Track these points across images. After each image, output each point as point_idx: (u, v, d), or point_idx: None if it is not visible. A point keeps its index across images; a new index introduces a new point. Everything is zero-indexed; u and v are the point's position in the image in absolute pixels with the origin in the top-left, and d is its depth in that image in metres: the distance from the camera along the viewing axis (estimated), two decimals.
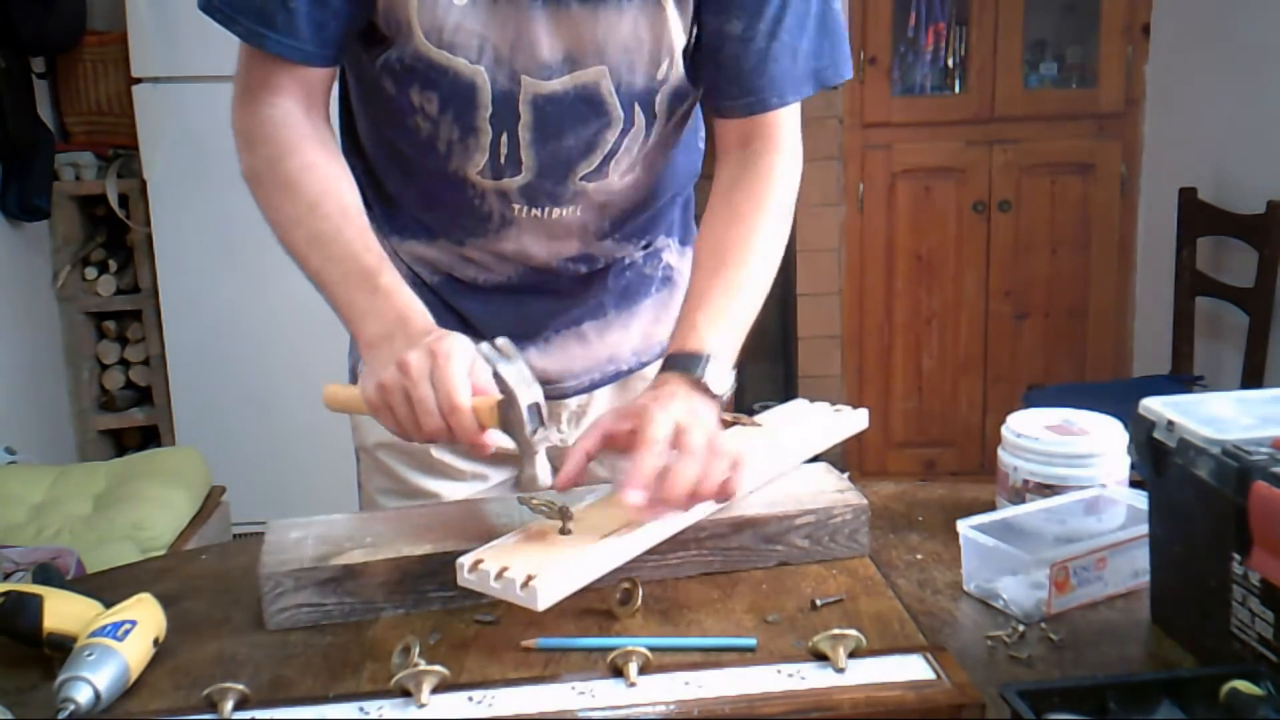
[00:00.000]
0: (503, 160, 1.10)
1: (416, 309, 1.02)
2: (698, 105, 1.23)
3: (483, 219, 1.15)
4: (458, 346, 0.95)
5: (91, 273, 3.27)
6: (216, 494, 2.82)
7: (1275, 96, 2.81)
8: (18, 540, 2.33)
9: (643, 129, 1.11)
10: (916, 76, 3.57)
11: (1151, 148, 3.47)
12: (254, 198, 1.09)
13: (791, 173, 1.15)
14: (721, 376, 1.02)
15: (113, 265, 3.29)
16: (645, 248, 1.27)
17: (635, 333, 1.28)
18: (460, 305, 1.22)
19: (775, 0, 1.06)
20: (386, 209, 1.21)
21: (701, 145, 1.30)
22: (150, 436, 3.39)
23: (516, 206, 1.14)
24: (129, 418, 3.35)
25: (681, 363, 1.02)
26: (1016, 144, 3.49)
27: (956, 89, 3.54)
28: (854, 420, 1.19)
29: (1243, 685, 0.72)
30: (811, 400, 1.25)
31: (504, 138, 1.08)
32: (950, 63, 3.55)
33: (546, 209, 1.14)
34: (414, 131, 1.10)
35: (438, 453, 1.25)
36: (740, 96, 1.11)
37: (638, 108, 1.09)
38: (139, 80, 3.05)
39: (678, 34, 1.06)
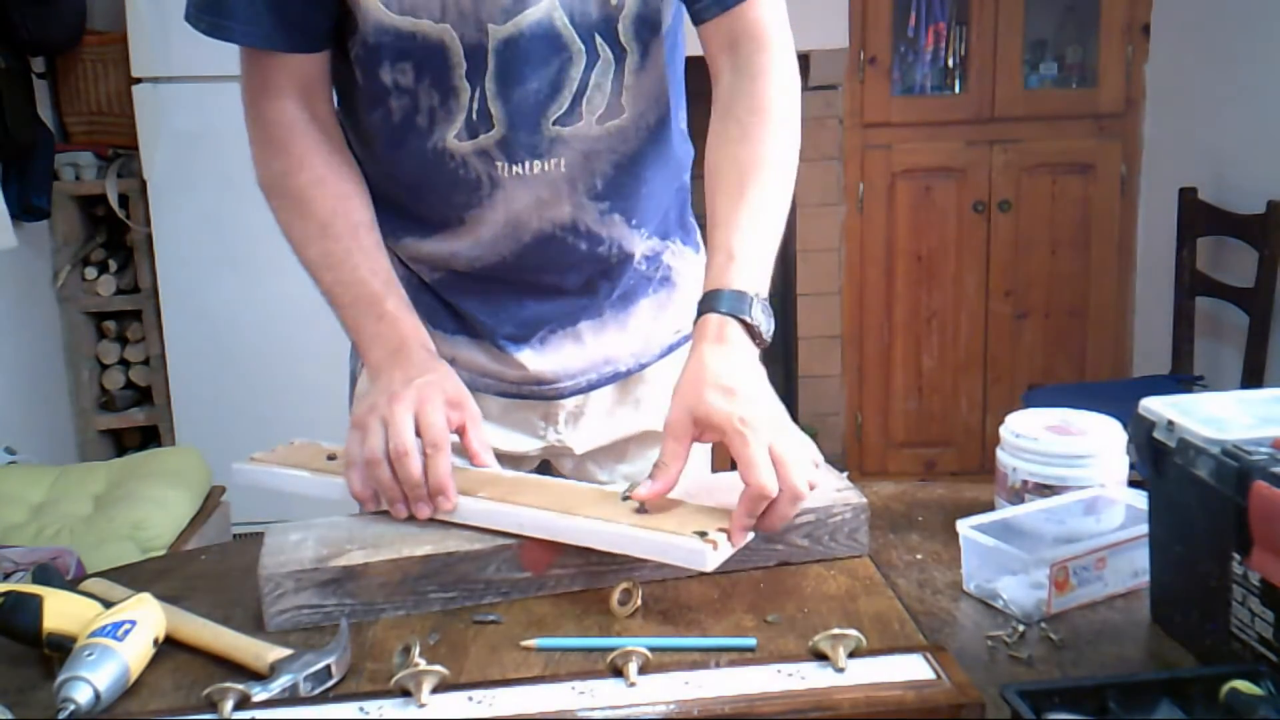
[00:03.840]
0: (475, 116, 1.08)
1: (416, 337, 1.07)
2: (680, 66, 1.21)
3: (472, 187, 1.13)
4: (438, 396, 1.02)
5: (91, 273, 3.27)
6: (216, 494, 2.82)
7: (1275, 96, 2.81)
8: (18, 540, 2.33)
9: (611, 61, 1.09)
10: (916, 76, 3.57)
11: (1151, 148, 3.47)
12: (269, 206, 1.12)
13: (787, 66, 1.12)
14: (767, 315, 1.01)
15: (113, 265, 3.29)
16: (645, 238, 1.24)
17: (633, 333, 1.27)
18: (460, 304, 1.22)
19: None
20: (382, 210, 1.19)
21: (684, 119, 1.28)
22: (150, 436, 3.39)
23: (499, 164, 1.11)
24: (129, 418, 3.35)
25: (731, 302, 1.00)
26: (1016, 144, 3.49)
27: (956, 89, 3.54)
28: None
29: (1243, 685, 0.72)
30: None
31: (476, 93, 1.07)
32: (950, 63, 3.55)
33: (526, 162, 1.12)
34: (390, 115, 1.10)
35: None
36: None
37: (599, 39, 1.07)
38: (139, 80, 3.05)
39: None
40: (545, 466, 1.32)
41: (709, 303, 1.01)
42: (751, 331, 1.00)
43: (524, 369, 1.22)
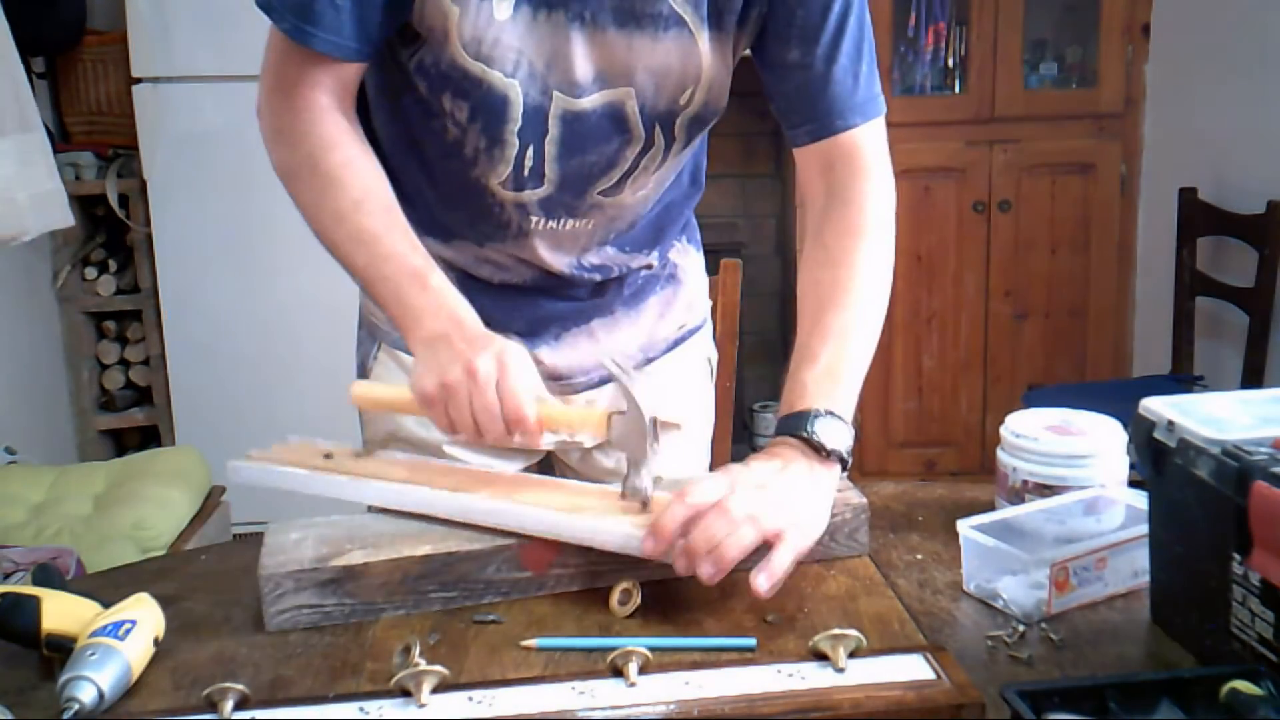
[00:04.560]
0: (526, 173, 1.11)
1: (468, 310, 1.06)
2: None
3: (501, 226, 1.16)
4: (522, 358, 1.00)
5: (91, 273, 3.27)
6: (216, 494, 2.82)
7: (1275, 96, 2.81)
8: (18, 540, 2.33)
9: (661, 149, 1.14)
10: (916, 76, 3.57)
11: (1151, 148, 3.47)
12: (289, 193, 1.11)
13: (881, 193, 1.13)
14: (834, 430, 0.98)
15: (113, 265, 3.29)
16: (647, 255, 1.28)
17: (642, 329, 1.30)
18: (474, 301, 1.21)
19: (831, 26, 1.08)
20: (405, 207, 1.20)
21: (704, 164, 1.32)
22: (150, 436, 3.39)
23: (535, 219, 1.15)
24: (129, 418, 3.35)
25: (790, 424, 0.99)
26: (1016, 144, 3.49)
27: (956, 89, 3.54)
28: None
29: (1243, 685, 0.72)
30: None
31: (530, 151, 1.10)
32: (950, 63, 3.55)
33: (562, 220, 1.16)
34: (441, 134, 1.11)
35: (449, 448, 1.25)
36: (806, 122, 1.13)
37: (658, 128, 1.11)
38: (139, 80, 3.05)
39: (709, 64, 1.08)
40: (550, 457, 1.34)
41: (776, 432, 1.01)
42: (815, 448, 0.97)
43: (540, 363, 1.23)
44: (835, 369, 1.04)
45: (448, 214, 1.19)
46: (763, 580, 0.90)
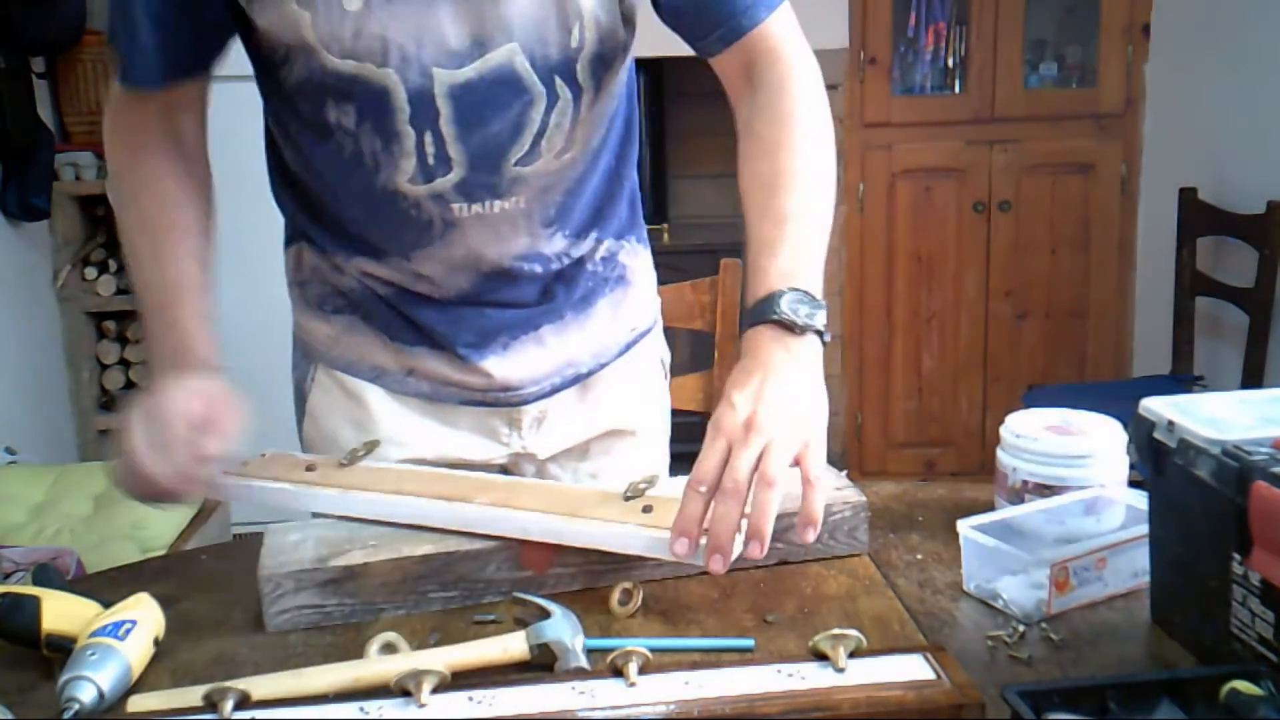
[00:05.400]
0: (431, 160, 1.06)
1: (194, 349, 1.07)
2: (633, 83, 1.20)
3: (423, 228, 1.11)
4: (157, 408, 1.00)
5: (91, 273, 3.27)
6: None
7: (1275, 96, 2.81)
8: (18, 540, 2.33)
9: (570, 102, 1.08)
10: (916, 76, 3.57)
11: (1151, 148, 3.47)
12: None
13: (808, 77, 1.08)
14: (805, 306, 0.94)
15: (113, 265, 3.29)
16: (599, 244, 1.23)
17: (591, 334, 1.25)
18: (417, 316, 1.18)
19: None
20: (328, 230, 1.18)
21: (636, 121, 1.26)
22: None
23: (455, 207, 1.10)
24: None
25: (759, 311, 0.95)
26: (1016, 144, 3.49)
27: (956, 89, 3.54)
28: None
29: (1243, 685, 0.72)
30: None
31: (428, 137, 1.05)
32: (950, 63, 3.55)
33: (487, 202, 1.10)
34: (337, 154, 1.08)
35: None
36: (714, 29, 1.07)
37: (559, 80, 1.06)
38: None
39: None
40: (505, 473, 1.28)
41: (746, 322, 0.97)
42: (787, 326, 0.94)
43: (489, 376, 1.19)
44: (794, 250, 0.99)
45: (371, 232, 1.15)
46: (810, 533, 0.87)
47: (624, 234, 1.27)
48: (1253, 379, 2.75)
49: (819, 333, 0.95)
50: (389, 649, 0.87)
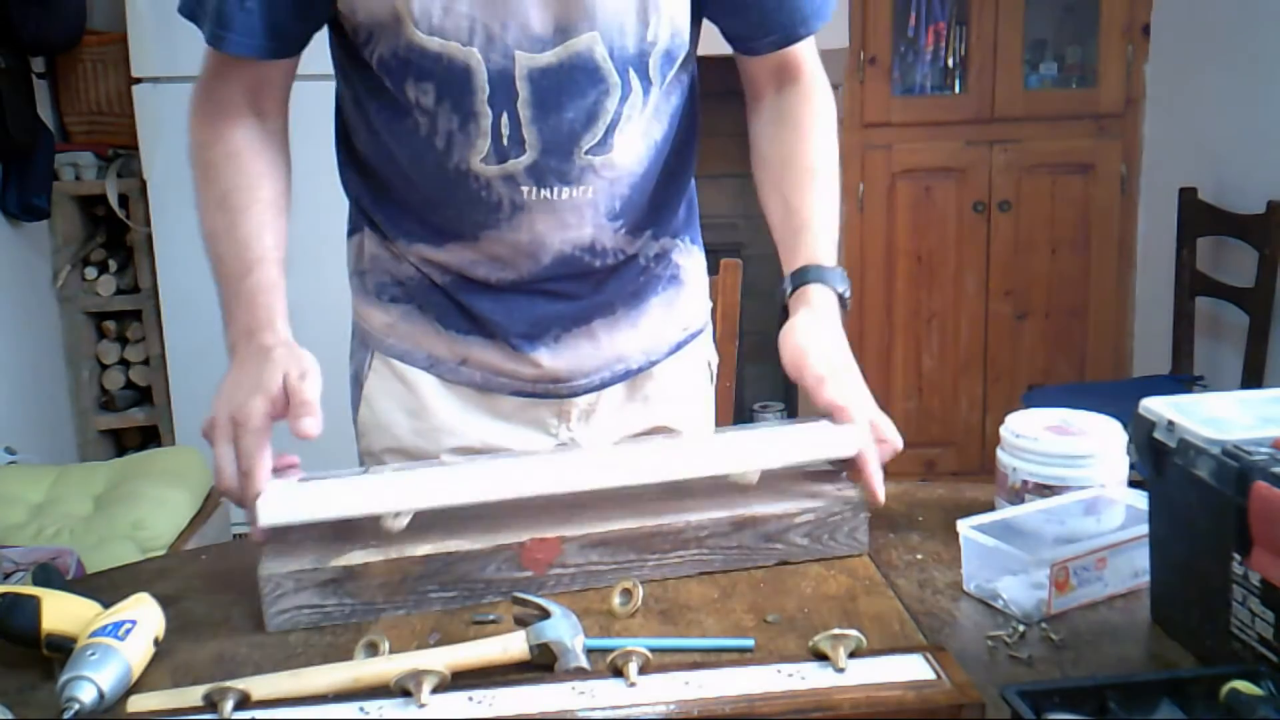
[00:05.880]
0: (505, 141, 1.10)
1: (267, 320, 1.05)
2: (694, 84, 1.23)
3: (493, 209, 1.14)
4: (258, 413, 0.99)
5: (91, 273, 3.27)
6: (216, 494, 2.81)
7: (1275, 96, 2.81)
8: (18, 540, 2.33)
9: (640, 95, 1.11)
10: (916, 76, 3.57)
11: (1151, 148, 3.47)
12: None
13: (827, 94, 1.24)
14: (846, 281, 1.16)
15: (113, 265, 3.29)
16: (654, 241, 1.26)
17: (644, 331, 1.28)
18: (471, 304, 1.21)
19: None
20: (391, 214, 1.21)
21: (697, 121, 1.29)
22: (150, 436, 3.39)
23: (525, 189, 1.13)
24: (129, 418, 3.35)
25: (829, 276, 1.15)
26: (1016, 144, 3.49)
27: (956, 89, 3.54)
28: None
29: (1243, 685, 0.72)
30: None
31: (504, 118, 1.08)
32: (950, 63, 3.55)
33: (556, 189, 1.13)
34: (412, 133, 1.11)
35: (448, 458, 1.25)
36: (770, 33, 1.18)
37: (633, 72, 1.09)
38: (139, 80, 3.05)
39: None
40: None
41: (808, 275, 1.15)
42: (842, 301, 1.15)
43: (539, 366, 1.22)
44: (830, 226, 1.19)
45: (437, 214, 1.17)
46: (882, 496, 1.06)
47: (679, 233, 1.30)
48: (1253, 379, 2.75)
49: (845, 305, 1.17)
50: (371, 648, 0.87)
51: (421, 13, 1.02)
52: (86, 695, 0.80)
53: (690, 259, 1.32)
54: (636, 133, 1.14)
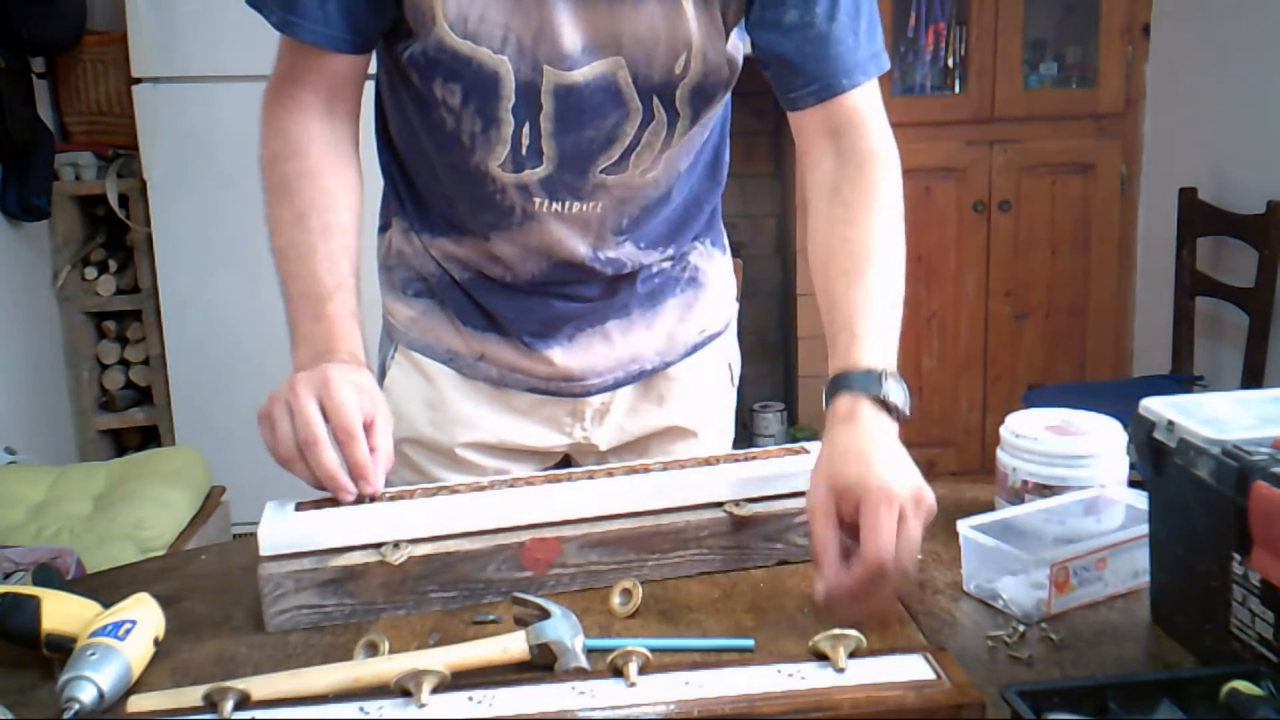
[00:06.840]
0: (524, 152, 1.11)
1: (346, 342, 1.04)
2: (726, 119, 1.24)
3: (505, 212, 1.15)
4: (345, 378, 0.98)
5: (91, 273, 3.27)
6: (216, 494, 2.82)
7: (1275, 96, 2.81)
8: (18, 540, 2.33)
9: (664, 123, 1.12)
10: (916, 76, 3.57)
11: (1151, 148, 3.47)
12: (262, 188, 1.12)
13: (890, 155, 1.12)
14: (901, 388, 0.97)
15: (113, 265, 3.29)
16: (669, 256, 1.27)
17: (659, 332, 1.28)
18: (488, 303, 1.23)
19: None
20: (418, 207, 1.23)
21: (725, 158, 1.29)
22: (150, 436, 3.39)
23: (537, 200, 1.14)
24: (129, 418, 3.35)
25: (860, 381, 0.97)
26: (1016, 144, 3.49)
27: (956, 89, 3.54)
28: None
29: (1243, 685, 0.72)
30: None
31: (526, 128, 1.09)
32: (950, 63, 3.55)
33: (566, 203, 1.15)
34: (439, 126, 1.12)
35: (462, 451, 1.26)
36: (809, 84, 1.10)
37: (657, 101, 1.10)
38: (139, 80, 3.05)
39: (696, 30, 1.06)
40: (568, 463, 1.33)
41: (837, 384, 0.98)
42: (886, 407, 0.96)
43: (552, 365, 1.23)
44: (883, 324, 1.02)
45: (455, 208, 1.19)
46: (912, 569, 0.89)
47: (699, 237, 1.30)
48: (1253, 379, 2.75)
49: (904, 417, 0.97)
50: (371, 648, 0.87)
51: (457, 15, 1.03)
52: (86, 695, 0.80)
53: (711, 262, 1.32)
54: (656, 159, 1.15)
